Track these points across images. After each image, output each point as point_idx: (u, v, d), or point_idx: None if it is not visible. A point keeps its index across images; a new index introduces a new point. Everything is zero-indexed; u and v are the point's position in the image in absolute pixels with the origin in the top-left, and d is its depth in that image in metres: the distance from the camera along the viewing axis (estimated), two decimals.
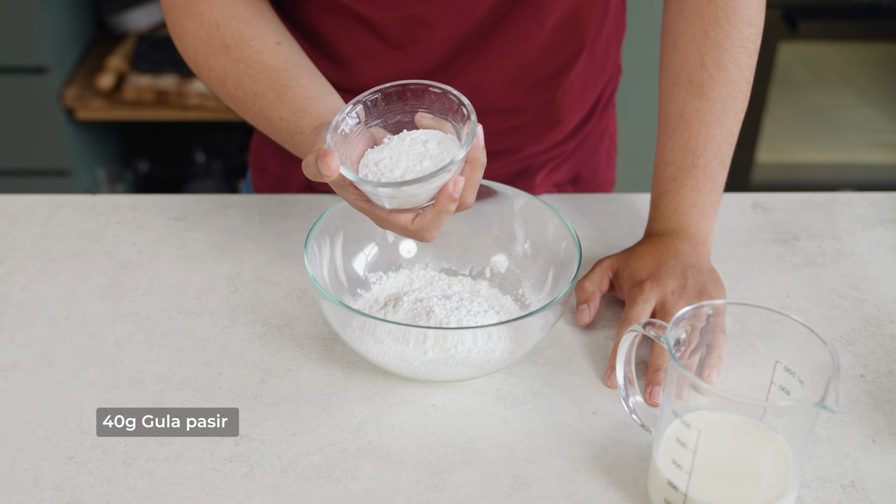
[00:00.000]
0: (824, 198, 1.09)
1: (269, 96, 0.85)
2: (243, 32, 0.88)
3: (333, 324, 0.82)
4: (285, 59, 0.87)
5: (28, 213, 1.04)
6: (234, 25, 0.88)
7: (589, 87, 1.07)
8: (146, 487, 0.75)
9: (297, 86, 0.85)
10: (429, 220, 0.76)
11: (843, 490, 0.75)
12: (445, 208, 0.74)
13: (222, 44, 0.88)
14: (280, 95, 0.84)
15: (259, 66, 0.86)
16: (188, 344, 0.88)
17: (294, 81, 0.85)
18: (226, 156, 2.46)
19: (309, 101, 0.83)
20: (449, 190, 0.73)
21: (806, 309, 0.93)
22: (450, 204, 0.74)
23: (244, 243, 1.00)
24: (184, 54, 0.93)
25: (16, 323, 0.90)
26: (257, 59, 0.87)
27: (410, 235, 0.77)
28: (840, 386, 0.65)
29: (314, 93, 0.84)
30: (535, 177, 1.10)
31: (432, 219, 0.75)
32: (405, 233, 0.77)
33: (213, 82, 0.91)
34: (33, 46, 2.04)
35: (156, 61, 2.16)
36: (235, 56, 0.87)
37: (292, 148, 0.85)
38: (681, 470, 0.70)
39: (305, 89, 0.84)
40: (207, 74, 0.91)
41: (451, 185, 0.73)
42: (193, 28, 0.90)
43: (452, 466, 0.77)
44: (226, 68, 0.88)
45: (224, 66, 0.88)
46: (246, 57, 0.87)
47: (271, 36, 0.89)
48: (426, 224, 0.76)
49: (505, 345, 0.82)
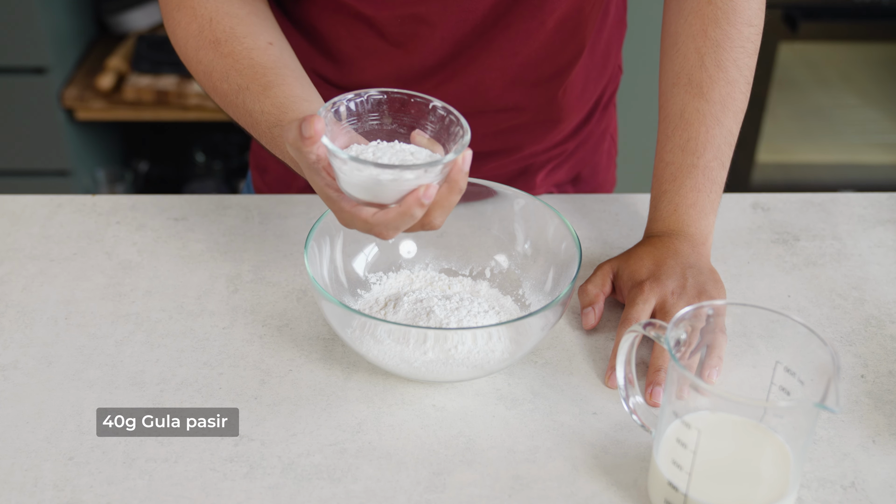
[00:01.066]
0: (824, 198, 1.09)
1: (252, 90, 0.85)
2: (235, 29, 0.88)
3: (333, 324, 0.82)
4: (275, 58, 0.87)
5: (28, 214, 1.04)
6: (227, 21, 0.88)
7: (590, 87, 1.07)
8: (146, 488, 0.74)
9: (283, 84, 0.84)
10: (390, 217, 0.73)
11: (843, 490, 0.75)
12: (409, 211, 0.72)
13: (213, 38, 0.88)
14: (265, 90, 0.84)
15: (247, 61, 0.86)
16: (188, 344, 0.88)
17: (281, 80, 0.85)
18: (226, 156, 2.46)
19: (294, 98, 0.83)
20: (418, 193, 0.71)
21: (806, 309, 0.93)
22: (415, 208, 0.72)
23: (244, 244, 1.00)
24: (175, 46, 0.93)
25: (16, 323, 0.90)
26: (246, 55, 0.86)
27: (368, 230, 0.75)
28: (840, 386, 0.65)
29: (300, 92, 0.84)
30: (535, 176, 1.10)
31: (394, 217, 0.73)
32: (365, 226, 0.75)
33: (201, 75, 0.90)
34: (33, 47, 2.04)
35: (156, 62, 2.16)
36: (224, 51, 0.87)
37: (269, 142, 0.84)
38: (681, 470, 0.70)
39: (291, 88, 0.84)
40: (196, 67, 0.90)
41: (421, 190, 0.71)
42: (186, 21, 0.90)
43: (453, 467, 0.77)
44: (213, 62, 0.88)
45: (212, 59, 0.88)
46: (235, 52, 0.87)
47: (263, 35, 0.89)
48: (386, 221, 0.73)
49: (505, 345, 0.82)
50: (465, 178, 0.73)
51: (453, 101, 0.83)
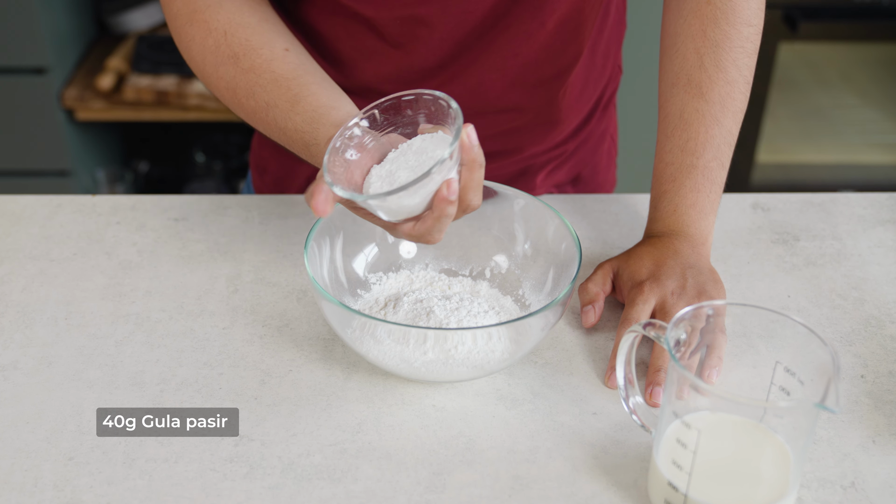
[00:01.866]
0: (824, 198, 1.09)
1: (281, 107, 0.85)
2: (251, 41, 0.87)
3: (333, 324, 0.82)
4: (295, 66, 0.86)
5: (28, 214, 1.04)
6: (242, 33, 0.88)
7: (589, 88, 1.07)
8: (146, 488, 0.75)
9: (308, 94, 0.84)
10: (428, 224, 0.75)
11: (843, 491, 0.75)
12: (443, 212, 0.74)
13: (231, 53, 0.87)
14: (293, 106, 0.84)
15: (269, 75, 0.86)
16: (188, 344, 0.88)
17: (305, 90, 0.84)
18: (226, 156, 2.46)
19: (322, 109, 0.83)
20: (443, 193, 0.73)
21: (806, 309, 0.93)
22: (447, 207, 0.74)
23: (244, 244, 1.00)
24: (191, 63, 0.92)
25: (16, 323, 0.90)
26: (267, 67, 0.86)
27: (415, 241, 0.78)
28: (840, 386, 0.65)
29: (326, 100, 0.84)
30: (535, 177, 1.10)
31: (432, 223, 0.75)
32: (411, 238, 0.78)
33: (223, 91, 0.90)
34: (33, 47, 2.04)
35: (156, 62, 2.16)
36: (245, 66, 0.87)
37: (309, 158, 0.85)
38: (681, 470, 0.70)
39: (318, 97, 0.84)
40: (216, 84, 0.90)
41: (444, 189, 0.73)
42: (200, 37, 0.89)
43: (453, 467, 0.77)
44: (236, 78, 0.87)
45: (234, 76, 0.87)
46: (256, 66, 0.86)
47: (279, 42, 0.88)
48: (426, 229, 0.76)
49: (505, 345, 0.82)
50: (478, 151, 0.74)
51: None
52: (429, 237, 0.77)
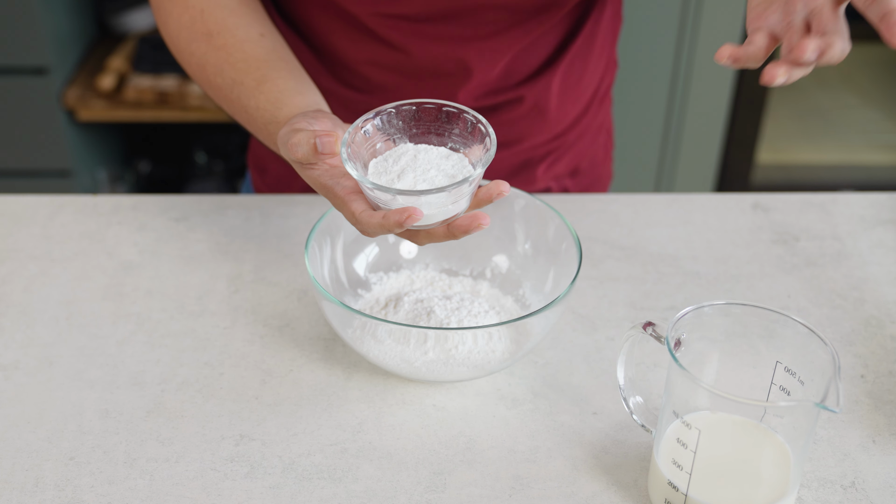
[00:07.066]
0: (824, 198, 1.09)
1: (247, 85, 0.85)
2: (227, 20, 0.88)
3: (334, 324, 0.82)
4: (268, 50, 0.87)
5: (29, 214, 1.04)
6: (219, 13, 0.88)
7: (585, 80, 1.08)
8: (147, 488, 0.75)
9: (277, 77, 0.84)
10: (374, 222, 0.71)
11: (843, 490, 0.75)
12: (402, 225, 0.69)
13: (205, 30, 0.88)
14: (259, 85, 0.84)
15: (240, 54, 0.86)
16: (189, 344, 0.88)
17: (274, 73, 0.85)
18: (226, 156, 2.46)
19: (288, 92, 0.83)
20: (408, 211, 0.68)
21: (806, 309, 0.93)
22: (395, 227, 0.69)
23: (245, 244, 1.00)
24: (166, 38, 0.93)
25: (17, 323, 0.90)
26: (239, 47, 0.87)
27: (353, 223, 0.73)
28: (841, 386, 0.65)
29: (294, 85, 0.84)
30: (536, 169, 1.10)
31: (377, 224, 0.71)
32: (350, 218, 0.73)
33: (194, 68, 0.90)
34: (34, 47, 2.04)
35: (157, 62, 2.16)
36: (217, 43, 0.87)
37: (266, 138, 0.85)
38: (681, 470, 0.70)
39: (286, 81, 0.84)
40: (188, 60, 0.91)
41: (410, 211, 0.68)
42: (177, 12, 0.90)
43: (453, 467, 0.77)
44: (207, 55, 0.88)
45: (205, 52, 0.88)
46: (228, 45, 0.87)
47: (255, 27, 0.89)
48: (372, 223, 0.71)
49: (505, 345, 0.82)
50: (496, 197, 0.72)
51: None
52: (367, 229, 0.72)
